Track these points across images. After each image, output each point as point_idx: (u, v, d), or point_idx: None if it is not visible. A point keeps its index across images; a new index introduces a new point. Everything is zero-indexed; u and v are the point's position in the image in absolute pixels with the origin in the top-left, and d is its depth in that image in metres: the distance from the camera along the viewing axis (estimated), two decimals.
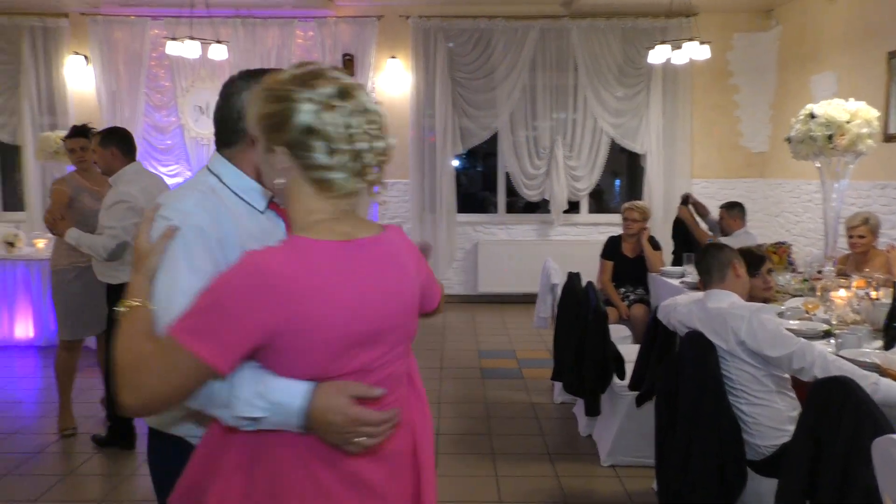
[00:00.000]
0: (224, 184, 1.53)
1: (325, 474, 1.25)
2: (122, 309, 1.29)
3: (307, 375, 1.21)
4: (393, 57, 7.71)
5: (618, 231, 5.61)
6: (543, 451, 4.02)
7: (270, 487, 1.23)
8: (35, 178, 7.65)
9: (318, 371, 1.21)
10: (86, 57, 7.62)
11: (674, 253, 5.94)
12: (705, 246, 3.15)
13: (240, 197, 1.53)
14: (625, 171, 8.93)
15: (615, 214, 7.39)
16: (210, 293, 1.17)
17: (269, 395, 1.19)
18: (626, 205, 5.53)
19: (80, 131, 4.21)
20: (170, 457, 1.51)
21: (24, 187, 7.72)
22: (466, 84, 7.79)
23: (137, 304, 1.30)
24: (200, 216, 1.42)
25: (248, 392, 1.19)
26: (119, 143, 3.75)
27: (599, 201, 8.61)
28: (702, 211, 6.09)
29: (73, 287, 4.10)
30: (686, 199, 6.08)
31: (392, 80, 7.75)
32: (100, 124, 7.55)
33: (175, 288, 1.33)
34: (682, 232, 5.98)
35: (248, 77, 1.55)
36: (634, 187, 8.48)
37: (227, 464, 1.26)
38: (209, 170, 1.57)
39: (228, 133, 1.55)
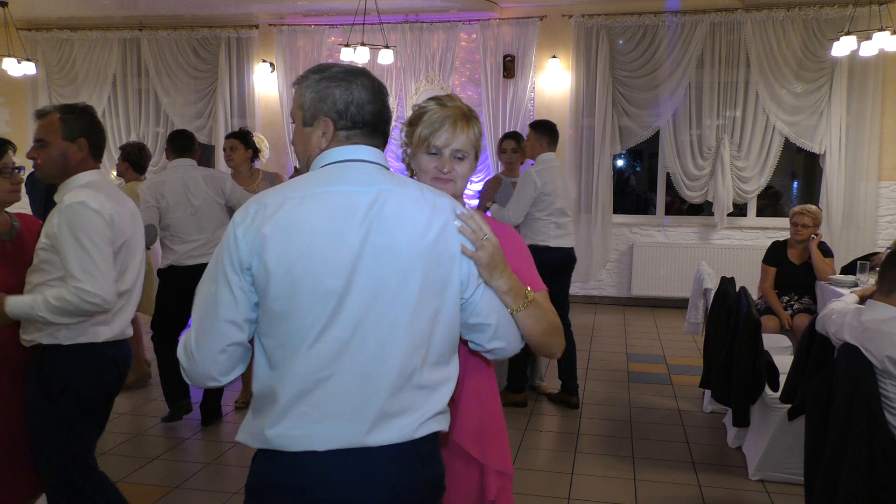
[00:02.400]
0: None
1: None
2: (529, 302, 1.56)
3: None
4: (553, 56, 7.72)
5: (788, 236, 5.24)
6: (687, 459, 3.90)
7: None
8: None
9: None
10: (271, 64, 8.36)
11: None
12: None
13: None
14: (801, 172, 8.30)
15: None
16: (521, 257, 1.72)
17: None
18: (797, 208, 5.14)
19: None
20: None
21: None
22: (628, 82, 7.62)
23: (530, 293, 1.58)
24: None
25: None
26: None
27: (775, 204, 8.07)
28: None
29: None
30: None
31: (552, 80, 7.77)
32: (282, 127, 8.29)
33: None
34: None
35: (373, 82, 1.52)
36: (811, 189, 7.87)
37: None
38: (382, 165, 1.51)
39: (381, 136, 1.53)
